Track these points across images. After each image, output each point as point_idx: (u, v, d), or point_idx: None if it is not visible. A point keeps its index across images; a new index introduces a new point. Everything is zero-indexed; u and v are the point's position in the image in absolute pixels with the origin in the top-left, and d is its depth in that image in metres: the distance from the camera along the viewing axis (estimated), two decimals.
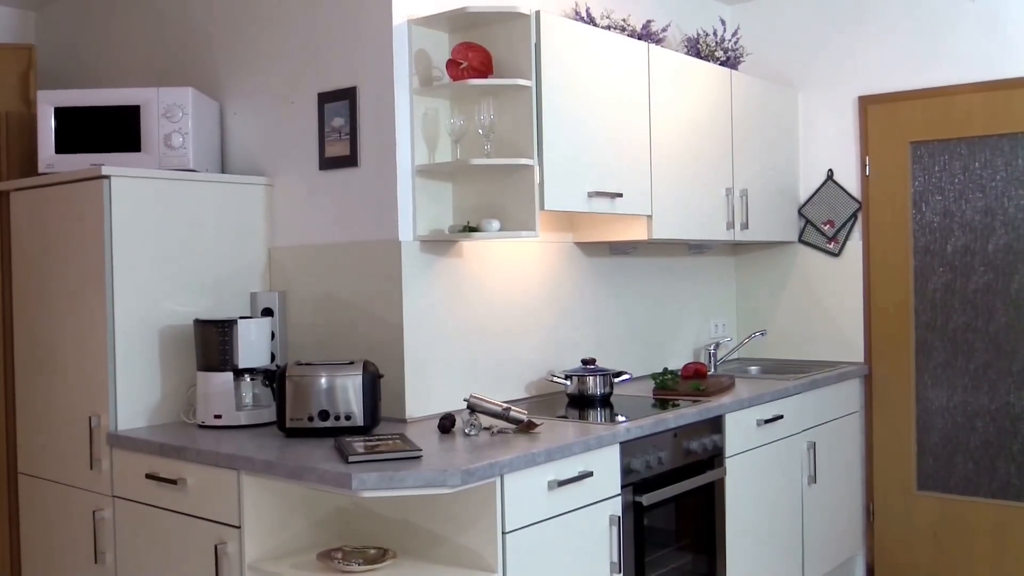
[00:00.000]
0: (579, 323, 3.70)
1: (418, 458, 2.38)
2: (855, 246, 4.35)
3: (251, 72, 3.37)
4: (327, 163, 3.13)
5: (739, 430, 3.41)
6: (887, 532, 4.31)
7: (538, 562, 2.51)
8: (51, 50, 4.12)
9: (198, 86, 3.49)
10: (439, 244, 3.09)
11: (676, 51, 3.90)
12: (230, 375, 2.90)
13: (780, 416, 3.64)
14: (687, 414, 3.12)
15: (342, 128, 3.08)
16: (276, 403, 2.76)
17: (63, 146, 3.15)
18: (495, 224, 2.95)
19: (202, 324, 2.93)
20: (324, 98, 3.12)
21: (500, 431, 2.74)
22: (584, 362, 3.45)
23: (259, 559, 2.54)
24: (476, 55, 2.96)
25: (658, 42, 3.72)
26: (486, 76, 2.98)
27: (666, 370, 3.69)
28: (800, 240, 4.49)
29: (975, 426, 4.09)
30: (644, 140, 3.47)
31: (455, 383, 3.14)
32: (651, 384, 3.67)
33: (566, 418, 3.09)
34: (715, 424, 3.29)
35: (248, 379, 2.97)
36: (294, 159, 3.24)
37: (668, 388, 3.54)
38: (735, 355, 4.59)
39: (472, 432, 2.70)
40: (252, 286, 3.26)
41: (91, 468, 2.94)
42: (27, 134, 3.45)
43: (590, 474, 2.68)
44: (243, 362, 2.92)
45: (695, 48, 4.07)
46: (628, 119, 3.39)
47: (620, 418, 3.03)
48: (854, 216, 4.34)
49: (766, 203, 4.22)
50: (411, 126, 3.00)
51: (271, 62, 3.30)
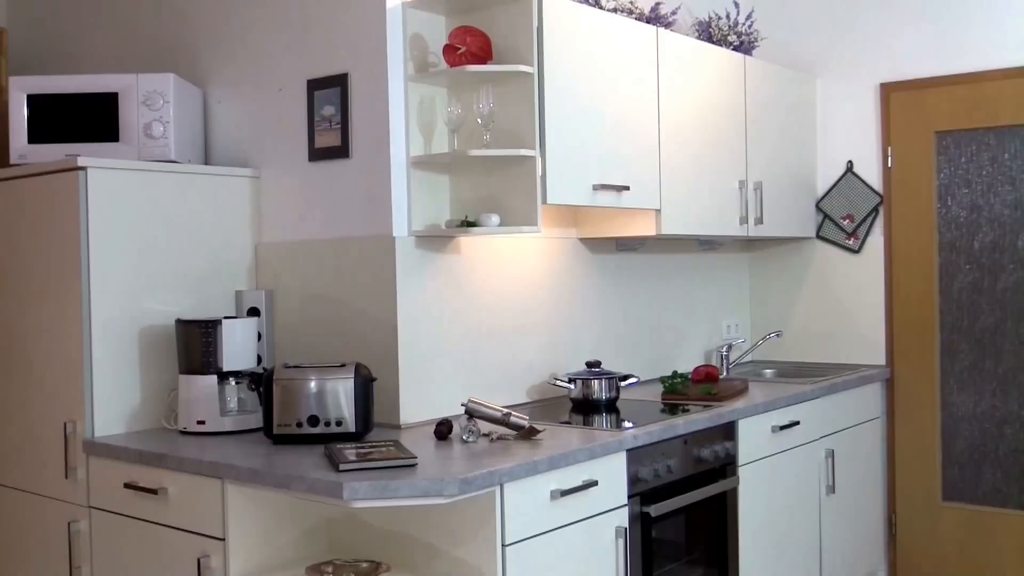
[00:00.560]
0: (583, 323, 3.71)
1: (413, 466, 2.39)
2: (876, 242, 4.36)
3: (236, 57, 3.37)
4: (317, 154, 3.14)
5: (753, 437, 3.42)
6: (910, 546, 4.32)
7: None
8: (23, 33, 4.13)
9: (180, 72, 3.49)
10: (435, 240, 3.09)
11: (686, 35, 3.91)
12: (214, 378, 2.90)
13: (796, 422, 3.65)
14: (698, 420, 3.13)
15: (333, 117, 3.08)
16: (263, 408, 2.76)
17: (36, 135, 3.15)
18: (495, 219, 2.95)
19: (184, 324, 2.94)
20: (314, 85, 3.13)
21: (500, 438, 2.74)
22: (589, 365, 3.46)
23: (244, 573, 2.55)
24: (475, 40, 2.97)
25: (667, 26, 3.73)
26: (485, 62, 2.98)
27: (675, 373, 3.69)
28: (818, 236, 4.49)
29: (1004, 433, 4.10)
30: (652, 130, 3.47)
31: (452, 387, 3.15)
32: (659, 388, 3.68)
33: (569, 424, 3.09)
34: (727, 431, 3.29)
35: (233, 383, 2.97)
36: (282, 150, 3.25)
37: (678, 392, 3.54)
38: (749, 357, 4.59)
39: (470, 439, 2.71)
40: (237, 284, 3.27)
41: (66, 477, 2.94)
42: None
43: (595, 483, 2.69)
44: (228, 364, 2.92)
45: (707, 32, 4.07)
46: (635, 108, 3.39)
47: (627, 424, 3.03)
48: (875, 210, 4.35)
49: (782, 196, 4.22)
50: (406, 115, 3.00)
51: (258, 47, 3.31)
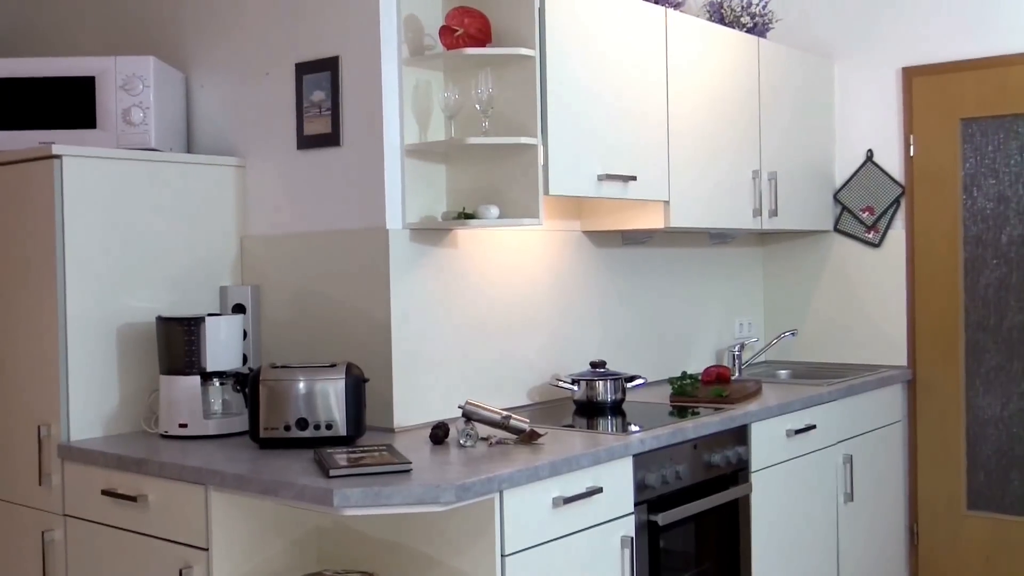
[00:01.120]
0: (587, 321, 3.71)
1: (407, 472, 2.39)
2: (897, 235, 4.36)
3: (221, 39, 3.37)
4: (306, 142, 3.14)
5: (766, 441, 3.42)
6: (933, 557, 4.32)
7: None
8: None
9: (161, 55, 3.49)
10: (431, 233, 3.10)
11: (697, 17, 3.91)
12: (197, 379, 2.91)
13: (813, 426, 3.65)
14: (708, 423, 3.13)
15: (323, 103, 3.08)
16: (248, 410, 2.77)
17: (8, 122, 3.15)
18: (494, 210, 2.95)
19: (165, 322, 2.94)
20: (302, 69, 3.13)
21: (499, 442, 2.75)
22: (593, 365, 3.46)
23: None
24: (473, 21, 2.97)
25: (677, 7, 3.73)
26: (484, 44, 2.98)
27: (685, 374, 3.70)
28: (836, 229, 4.49)
29: None
30: (661, 117, 3.47)
31: (449, 388, 3.15)
32: (668, 390, 3.68)
33: (573, 427, 3.10)
34: (739, 435, 3.30)
35: (217, 383, 2.98)
36: (269, 137, 3.25)
37: (687, 394, 3.55)
38: (762, 357, 4.60)
39: (468, 443, 2.71)
40: (222, 279, 3.27)
41: (40, 484, 2.94)
42: None
43: (600, 490, 2.69)
44: (211, 364, 2.92)
45: (718, 13, 4.07)
46: (643, 93, 3.39)
47: (633, 427, 3.04)
48: (896, 202, 4.35)
49: (797, 187, 4.22)
50: (400, 100, 3.00)
51: (243, 28, 3.31)
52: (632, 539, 2.80)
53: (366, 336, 3.02)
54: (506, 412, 2.80)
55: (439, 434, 2.77)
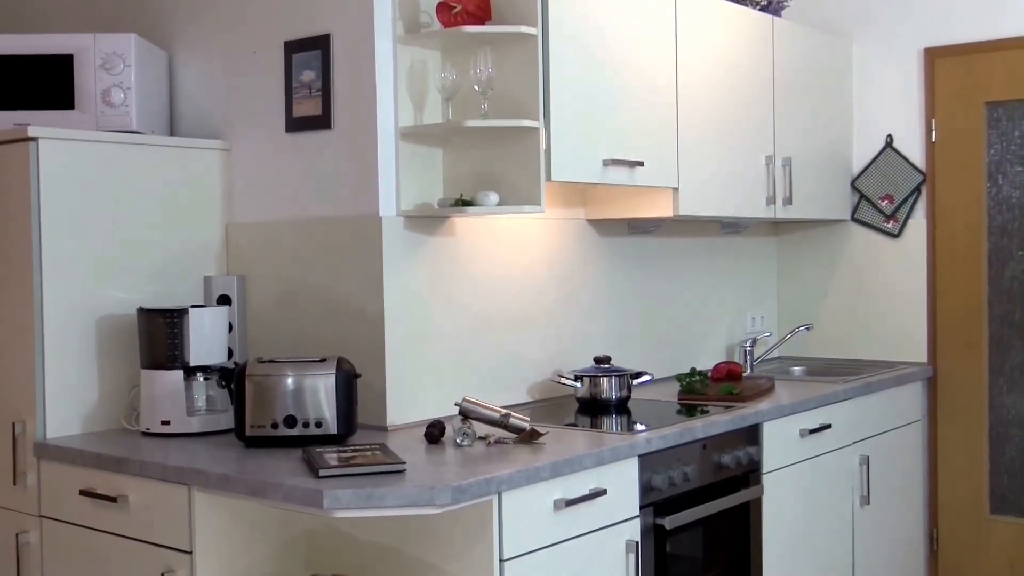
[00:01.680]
0: (591, 315, 3.71)
1: (401, 472, 2.39)
2: (918, 225, 4.35)
3: (206, 16, 3.36)
4: (295, 124, 3.13)
5: (779, 442, 3.42)
6: (954, 563, 4.33)
7: None
8: None
9: (143, 32, 3.48)
10: (427, 221, 3.09)
11: None
12: (180, 374, 2.91)
13: (828, 425, 3.65)
14: (718, 422, 3.13)
15: (313, 83, 3.08)
16: (234, 407, 2.77)
17: None
18: (493, 197, 2.95)
19: (147, 314, 2.94)
20: (292, 47, 3.12)
21: (498, 441, 2.75)
22: (597, 361, 3.46)
23: None
24: None
25: None
26: (483, 22, 2.98)
27: (694, 371, 3.70)
28: (853, 218, 4.49)
29: None
30: (670, 99, 3.47)
31: (445, 385, 3.15)
32: (676, 387, 3.68)
33: (575, 426, 3.10)
34: (751, 434, 3.30)
35: (201, 379, 2.98)
36: (256, 120, 3.24)
37: (696, 392, 3.55)
38: (775, 353, 4.60)
39: (465, 442, 2.71)
40: (206, 269, 3.27)
41: (14, 483, 2.95)
42: None
43: (603, 492, 2.70)
44: (195, 359, 2.92)
45: None
46: (651, 75, 3.38)
47: (639, 427, 3.04)
48: (917, 190, 4.34)
49: (813, 174, 4.22)
50: (394, 81, 3.00)
51: (229, 4, 3.30)
52: (637, 544, 2.80)
53: (358, 329, 3.01)
54: (505, 410, 2.80)
55: (435, 433, 2.77)
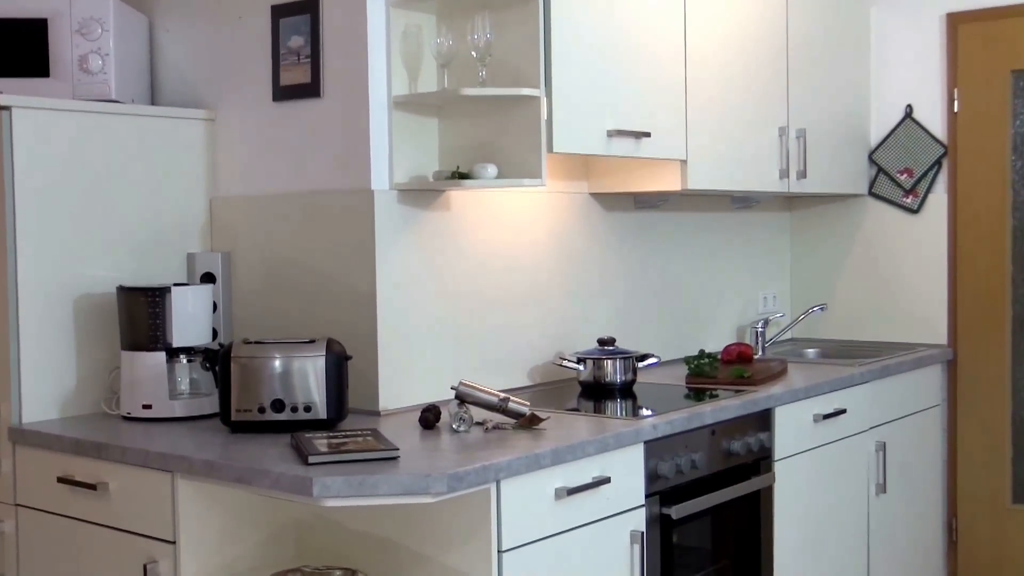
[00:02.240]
0: (595, 294, 3.71)
1: (394, 459, 2.39)
2: (938, 200, 4.35)
3: None
4: (282, 93, 3.12)
5: (792, 427, 3.43)
6: (973, 554, 4.34)
7: None
8: None
9: None
10: (421, 195, 3.09)
11: None
12: (162, 356, 2.91)
13: (843, 410, 3.66)
14: (728, 407, 3.13)
15: (301, 49, 3.07)
16: (219, 390, 2.77)
17: None
18: (491, 170, 2.94)
19: (127, 292, 2.94)
20: (279, 11, 3.11)
21: (496, 427, 2.75)
22: (601, 342, 3.46)
23: None
24: None
25: None
26: None
27: (702, 353, 3.70)
28: (870, 193, 4.48)
29: None
30: (678, 67, 3.45)
31: (441, 367, 3.15)
32: (683, 370, 3.69)
33: (578, 411, 3.10)
34: (762, 420, 3.30)
35: (184, 360, 2.98)
36: (242, 88, 3.23)
37: (705, 375, 3.55)
38: (788, 335, 4.60)
39: (461, 428, 2.72)
40: (189, 246, 3.27)
41: None
42: None
43: (607, 480, 2.70)
44: (178, 340, 2.92)
45: None
46: (658, 41, 3.37)
47: (645, 412, 3.04)
48: (938, 163, 4.33)
49: (829, 146, 4.21)
50: (387, 47, 2.99)
51: None
52: (643, 534, 2.81)
53: (349, 309, 3.01)
54: (504, 394, 2.80)
55: (430, 418, 2.77)
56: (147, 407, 2.90)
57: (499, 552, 2.42)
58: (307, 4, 3.04)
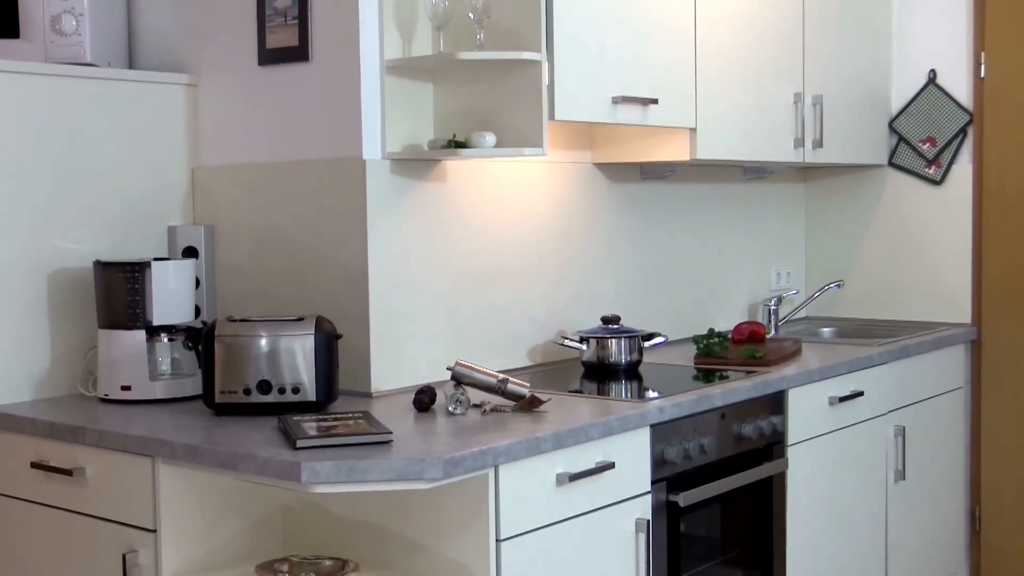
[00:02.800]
0: (599, 270, 3.71)
1: (387, 443, 2.40)
2: (963, 171, 4.34)
3: None
4: (269, 56, 3.12)
5: (806, 411, 3.44)
6: (997, 544, 4.35)
7: None
8: None
9: None
10: (416, 164, 3.08)
11: None
12: (142, 334, 2.91)
13: (860, 393, 3.66)
14: (739, 389, 3.14)
15: (288, 10, 3.06)
16: (202, 371, 2.77)
17: None
18: (490, 138, 2.94)
19: (105, 268, 2.94)
20: None
21: (494, 409, 2.76)
22: (605, 321, 3.46)
23: (180, 572, 2.57)
24: None
25: None
26: None
27: (712, 332, 3.70)
28: (891, 163, 4.48)
29: None
30: (687, 29, 3.44)
31: (436, 346, 3.15)
32: (692, 350, 3.69)
33: (581, 393, 3.11)
34: (775, 402, 3.31)
35: (165, 339, 2.98)
36: (225, 51, 3.22)
37: (714, 355, 3.56)
38: (803, 313, 4.60)
39: (458, 410, 2.72)
40: (170, 218, 3.26)
41: None
42: None
43: (611, 466, 2.71)
44: (159, 317, 2.92)
45: None
46: (667, 2, 3.36)
47: (651, 394, 3.05)
48: (963, 132, 4.33)
49: (847, 114, 4.20)
50: (380, 7, 2.98)
51: None
52: (648, 522, 2.82)
53: (339, 285, 3.01)
54: (503, 375, 2.80)
55: (424, 400, 2.77)
56: (126, 388, 2.90)
57: (497, 541, 2.43)
58: None
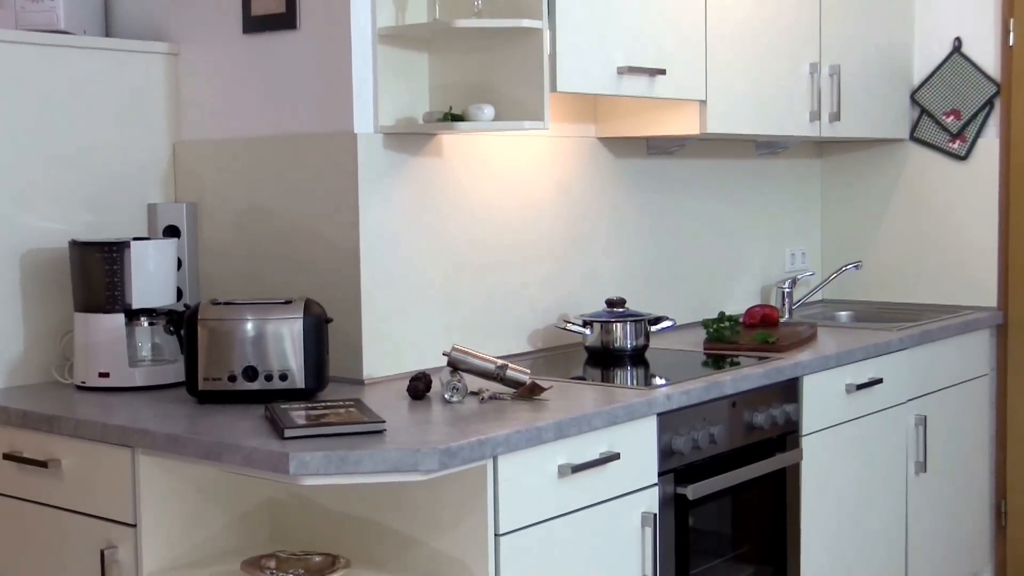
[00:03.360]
0: (603, 250, 3.71)
1: (380, 433, 2.40)
2: (989, 146, 4.34)
3: None
4: (254, 24, 3.11)
5: (821, 399, 3.44)
6: None
7: (543, 574, 2.55)
8: None
9: None
10: (410, 138, 3.08)
11: None
12: (121, 318, 2.91)
13: (879, 380, 3.67)
14: (751, 376, 3.14)
15: None
16: (185, 357, 2.78)
17: None
18: (488, 111, 2.94)
19: (81, 248, 2.94)
20: None
21: (493, 397, 2.76)
22: (610, 304, 3.47)
23: (162, 569, 2.58)
24: None
25: None
26: None
27: (722, 316, 3.71)
28: (912, 137, 4.47)
29: None
30: None
31: (432, 331, 3.16)
32: (702, 335, 3.70)
33: (584, 380, 3.11)
34: (789, 390, 3.31)
35: (146, 323, 2.98)
36: (208, 18, 3.22)
37: (725, 340, 3.56)
38: (819, 296, 4.61)
39: (454, 398, 2.73)
40: (150, 195, 3.26)
41: None
42: None
43: (616, 457, 2.71)
44: (138, 300, 2.92)
45: None
46: None
47: (658, 380, 3.05)
48: (989, 104, 4.32)
49: (866, 85, 4.20)
50: None
51: None
52: (655, 516, 2.82)
53: (329, 266, 3.02)
54: (502, 361, 2.81)
55: (419, 387, 2.78)
56: (104, 375, 2.90)
57: (496, 535, 2.44)
58: None
